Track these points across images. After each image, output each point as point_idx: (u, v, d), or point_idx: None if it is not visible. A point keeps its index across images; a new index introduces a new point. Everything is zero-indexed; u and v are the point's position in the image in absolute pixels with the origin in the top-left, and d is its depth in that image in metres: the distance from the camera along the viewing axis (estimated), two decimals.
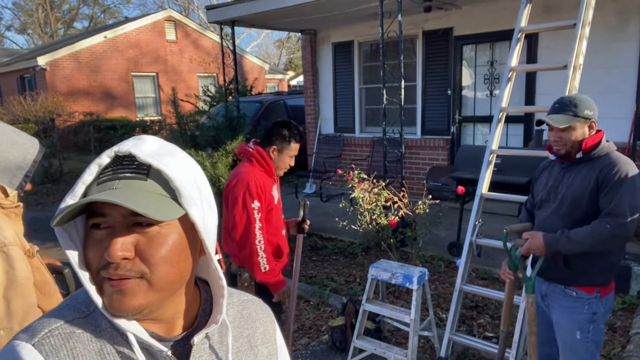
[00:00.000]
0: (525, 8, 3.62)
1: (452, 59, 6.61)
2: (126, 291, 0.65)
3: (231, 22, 6.86)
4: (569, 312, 2.11)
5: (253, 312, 0.87)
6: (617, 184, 1.95)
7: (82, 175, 0.66)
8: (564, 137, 2.06)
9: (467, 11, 6.31)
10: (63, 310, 0.70)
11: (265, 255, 2.35)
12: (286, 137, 2.42)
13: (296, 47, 37.99)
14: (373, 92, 7.44)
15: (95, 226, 0.66)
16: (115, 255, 0.63)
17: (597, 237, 1.95)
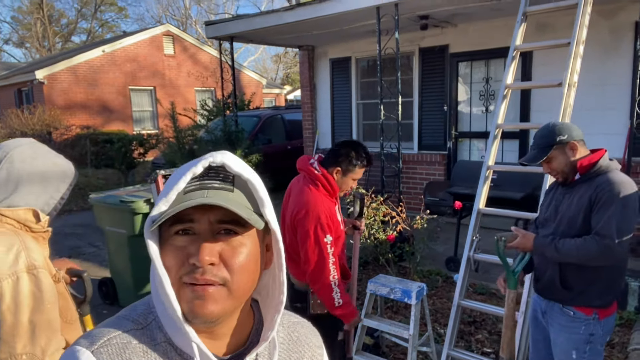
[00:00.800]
0: (520, 27, 3.69)
1: (448, 75, 6.69)
2: (208, 297, 0.67)
3: (230, 38, 6.93)
4: (566, 331, 2.10)
5: (302, 336, 0.87)
6: (608, 204, 1.93)
7: (177, 182, 0.68)
8: (551, 167, 2.10)
9: (463, 29, 6.41)
10: (122, 320, 0.72)
11: (340, 290, 2.28)
12: (352, 160, 2.32)
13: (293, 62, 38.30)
14: (370, 108, 7.50)
15: (178, 232, 0.68)
16: (204, 259, 0.66)
17: (583, 252, 1.95)
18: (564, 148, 2.06)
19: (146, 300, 0.76)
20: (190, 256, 0.67)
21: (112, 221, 4.17)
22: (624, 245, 1.91)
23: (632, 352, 3.23)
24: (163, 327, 0.72)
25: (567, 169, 2.07)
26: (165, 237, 0.70)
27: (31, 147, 1.34)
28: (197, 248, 0.67)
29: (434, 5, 5.27)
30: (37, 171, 1.32)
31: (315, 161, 2.37)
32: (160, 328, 0.72)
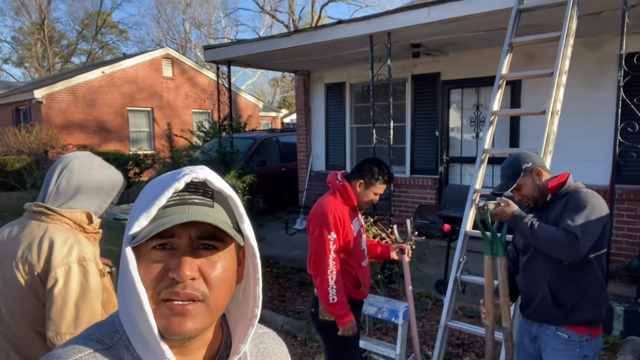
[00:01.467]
0: (506, 57, 3.84)
1: (440, 102, 6.86)
2: (187, 314, 0.66)
3: (227, 62, 7.09)
4: (561, 355, 2.14)
5: (269, 347, 0.88)
6: (576, 209, 2.04)
7: (159, 198, 0.67)
8: (522, 194, 2.22)
9: (454, 58, 6.61)
10: (87, 341, 0.70)
11: (336, 286, 2.38)
12: (375, 174, 2.50)
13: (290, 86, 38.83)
14: (364, 132, 7.64)
15: (156, 247, 0.68)
16: (185, 274, 0.65)
17: (552, 237, 2.02)
18: (530, 175, 2.19)
19: (111, 320, 0.74)
20: (170, 270, 0.66)
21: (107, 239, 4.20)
22: (585, 245, 1.98)
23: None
24: (131, 345, 0.70)
25: (537, 194, 2.19)
26: (141, 252, 0.68)
27: (88, 159, 1.52)
28: (177, 263, 0.66)
29: (425, 34, 5.46)
30: (92, 180, 1.50)
31: (340, 175, 2.56)
32: (127, 347, 0.70)
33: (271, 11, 30.22)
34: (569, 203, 2.09)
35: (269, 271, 5.76)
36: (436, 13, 4.79)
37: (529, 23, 4.54)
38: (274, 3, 30.24)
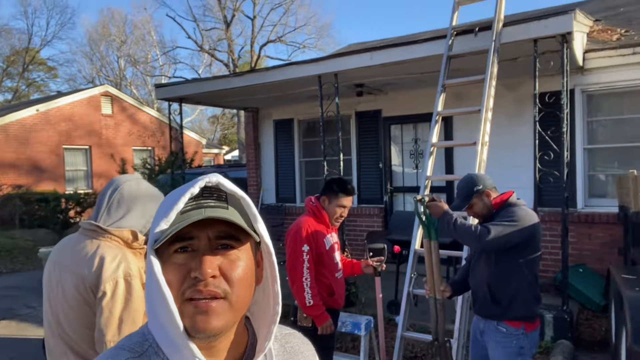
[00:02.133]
0: (440, 96, 4.39)
1: (382, 136, 7.41)
2: (211, 312, 0.69)
3: (179, 100, 7.28)
4: (501, 346, 2.51)
5: (296, 346, 0.90)
6: (502, 217, 2.49)
7: (177, 203, 0.72)
8: (474, 211, 2.66)
9: (393, 96, 7.23)
10: (119, 351, 0.74)
11: (311, 291, 2.67)
12: (334, 188, 2.85)
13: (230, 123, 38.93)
14: (312, 165, 8.02)
15: (177, 250, 0.72)
16: (206, 272, 0.69)
17: (466, 232, 2.49)
18: (481, 196, 2.62)
19: (140, 330, 0.78)
20: (192, 270, 0.69)
21: None
22: (493, 242, 2.43)
23: None
24: (160, 351, 0.73)
25: (485, 212, 2.63)
26: (164, 257, 0.72)
27: (136, 182, 1.72)
28: (198, 262, 0.69)
29: (368, 75, 6.00)
30: (139, 202, 1.68)
31: (313, 198, 2.93)
32: (157, 353, 0.73)
33: (210, 50, 30.53)
34: (501, 214, 2.52)
35: None
36: (377, 57, 5.33)
37: (458, 67, 5.17)
38: (212, 42, 30.53)
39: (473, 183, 2.64)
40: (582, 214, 5.80)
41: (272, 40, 29.78)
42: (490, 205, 2.62)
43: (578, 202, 5.89)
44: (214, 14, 29.61)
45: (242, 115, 24.79)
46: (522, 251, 2.48)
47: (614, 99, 5.85)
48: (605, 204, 5.76)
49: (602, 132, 5.99)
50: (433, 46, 4.97)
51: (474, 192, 2.61)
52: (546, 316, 4.38)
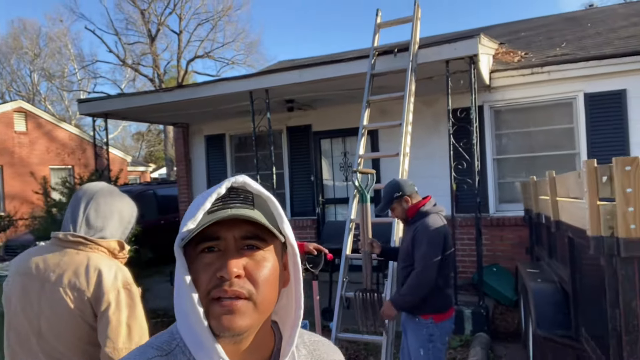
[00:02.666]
0: (366, 111, 4.71)
1: (313, 150, 7.67)
2: (236, 311, 0.70)
3: (104, 115, 7.07)
4: (414, 333, 2.85)
5: (324, 353, 0.89)
6: (419, 244, 2.78)
7: (204, 203, 0.73)
8: (395, 214, 3.00)
9: (322, 112, 7.53)
10: (147, 349, 0.76)
11: None
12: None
13: (157, 140, 37.66)
14: None
15: (204, 250, 0.73)
16: (232, 271, 0.70)
17: (416, 289, 2.76)
18: (400, 201, 2.91)
19: (169, 329, 0.79)
20: (218, 270, 0.70)
21: None
22: (430, 274, 2.75)
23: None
24: (187, 350, 0.74)
25: (404, 216, 2.95)
26: (191, 257, 0.73)
27: (109, 190, 1.72)
28: (224, 262, 0.70)
29: (298, 92, 6.24)
30: (115, 209, 1.69)
31: None
32: (184, 352, 0.74)
33: (133, 64, 29.53)
34: (415, 236, 2.84)
35: (160, 322, 5.71)
36: (307, 74, 5.59)
37: (382, 84, 5.55)
38: (136, 57, 29.54)
39: (394, 189, 2.93)
40: (494, 218, 6.38)
41: (199, 56, 29.43)
42: (407, 212, 2.93)
43: (490, 207, 6.47)
44: (138, 27, 28.76)
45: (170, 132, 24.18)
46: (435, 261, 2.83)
47: (518, 114, 6.54)
48: (514, 208, 6.37)
49: (509, 144, 6.65)
50: (358, 65, 5.31)
51: (394, 198, 2.90)
52: (465, 312, 4.78)
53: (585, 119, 6.03)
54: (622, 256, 2.08)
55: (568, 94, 6.13)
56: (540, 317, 3.30)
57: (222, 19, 28.87)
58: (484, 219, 6.32)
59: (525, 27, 9.45)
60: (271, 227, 0.73)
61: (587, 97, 6.02)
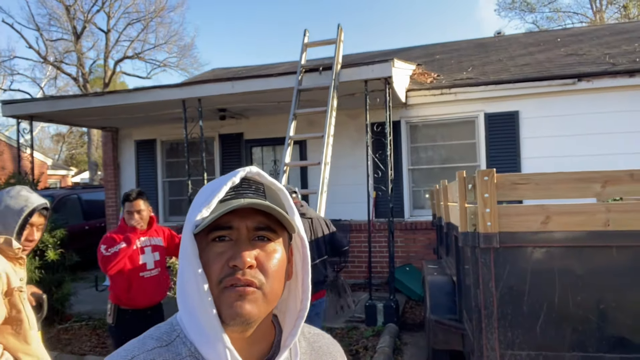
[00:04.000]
0: (292, 123, 5.16)
1: (244, 157, 7.99)
2: (248, 298, 0.70)
3: (30, 117, 6.94)
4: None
5: (324, 346, 0.90)
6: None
7: (218, 192, 0.73)
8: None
9: (254, 121, 7.88)
10: (146, 340, 0.75)
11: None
12: (122, 200, 3.35)
13: (79, 142, 35.78)
14: (175, 185, 8.22)
15: (216, 239, 0.72)
16: (245, 261, 0.70)
17: None
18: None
19: (169, 321, 0.79)
20: (231, 259, 0.70)
21: None
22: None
23: (379, 349, 4.58)
24: (188, 341, 0.73)
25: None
26: (202, 245, 0.73)
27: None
28: (237, 252, 0.70)
29: (230, 102, 6.56)
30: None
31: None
32: (185, 343, 0.73)
33: (56, 62, 28.01)
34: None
35: (85, 324, 5.75)
36: (239, 86, 5.93)
37: (309, 98, 6.03)
38: (58, 54, 28.04)
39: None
40: (408, 223, 7.06)
41: (129, 56, 28.52)
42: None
43: (405, 212, 7.15)
44: (62, 24, 27.36)
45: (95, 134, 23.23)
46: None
47: (430, 129, 7.30)
48: (425, 213, 7.10)
49: (422, 156, 7.39)
50: (286, 80, 5.75)
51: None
52: (378, 306, 5.33)
53: (485, 135, 6.89)
54: (481, 247, 2.66)
55: (471, 113, 6.98)
56: (433, 304, 3.89)
57: (154, 20, 28.26)
58: (399, 223, 6.98)
59: (441, 50, 10.42)
60: (288, 217, 0.74)
61: (487, 116, 6.89)
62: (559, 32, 11.19)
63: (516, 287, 2.67)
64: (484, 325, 2.70)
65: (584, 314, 2.59)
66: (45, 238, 5.54)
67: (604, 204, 2.56)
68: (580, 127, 6.47)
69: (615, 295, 2.56)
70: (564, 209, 2.61)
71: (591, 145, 6.39)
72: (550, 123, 6.61)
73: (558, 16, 25.90)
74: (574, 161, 6.42)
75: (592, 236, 2.58)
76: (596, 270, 2.59)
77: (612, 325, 2.56)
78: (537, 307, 2.65)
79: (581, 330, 2.61)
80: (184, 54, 30.22)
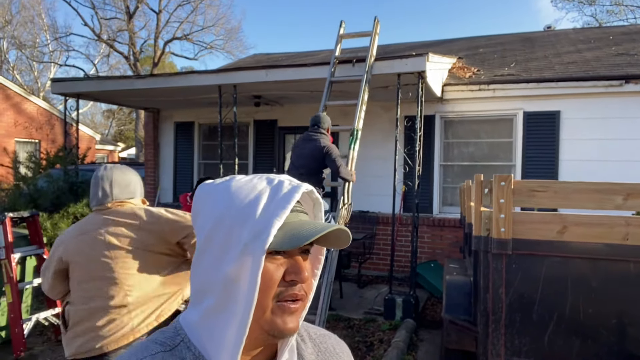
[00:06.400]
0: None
1: (277, 144, 8.12)
2: (296, 313, 0.72)
3: (77, 95, 7.31)
4: None
5: (330, 347, 0.89)
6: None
7: (285, 207, 0.71)
8: None
9: (288, 109, 7.97)
10: (150, 344, 0.75)
11: None
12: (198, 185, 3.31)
13: (128, 119, 37.15)
14: (210, 167, 8.47)
15: (273, 252, 0.70)
16: (305, 276, 0.71)
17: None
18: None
19: (172, 325, 0.78)
20: (289, 274, 0.71)
21: None
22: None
23: (393, 343, 4.62)
24: (192, 345, 0.73)
25: None
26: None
27: (119, 168, 2.20)
28: (295, 266, 0.71)
29: (264, 89, 6.67)
30: (131, 180, 2.19)
31: (188, 195, 3.33)
32: (189, 348, 0.73)
33: (109, 40, 29.10)
34: None
35: None
36: (272, 75, 6.02)
37: (341, 89, 6.05)
38: (112, 32, 29.08)
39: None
40: (436, 219, 6.99)
41: (178, 37, 29.26)
42: None
43: (434, 208, 7.08)
44: (116, 3, 28.33)
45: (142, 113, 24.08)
46: None
47: (465, 125, 7.16)
48: (454, 211, 7.01)
49: (455, 152, 7.27)
50: (319, 70, 5.78)
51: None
52: (397, 300, 5.35)
53: (522, 134, 6.69)
54: (494, 252, 2.65)
55: (510, 110, 6.78)
56: (448, 303, 3.88)
57: (204, 2, 28.78)
58: (427, 218, 6.94)
59: (485, 43, 10.12)
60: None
61: (526, 115, 6.68)
62: (613, 29, 10.61)
63: (527, 294, 2.64)
64: (490, 330, 2.70)
65: (595, 327, 2.54)
66: (85, 211, 5.87)
67: (624, 217, 2.48)
68: (624, 132, 6.17)
69: (629, 311, 2.49)
70: (582, 220, 2.55)
71: (635, 150, 6.10)
72: (592, 125, 6.34)
73: (620, 10, 24.42)
74: (615, 166, 6.16)
75: (609, 249, 2.51)
76: (611, 284, 2.53)
77: (623, 340, 2.50)
78: (547, 316, 2.62)
79: (591, 343, 2.56)
80: (231, 37, 30.70)
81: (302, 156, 4.60)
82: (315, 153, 4.51)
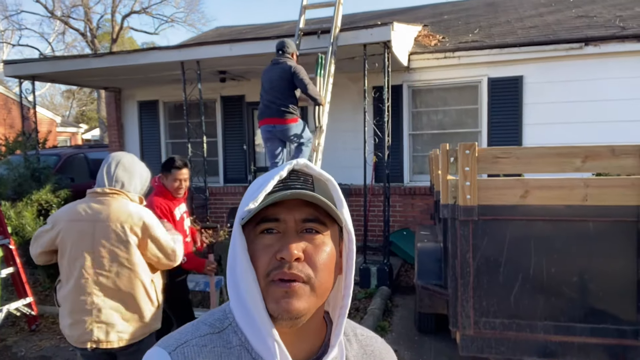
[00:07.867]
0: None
1: (246, 120, 8.00)
2: (293, 294, 0.69)
3: (32, 77, 6.97)
4: None
5: (376, 350, 0.88)
6: None
7: (265, 185, 0.72)
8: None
9: (255, 83, 7.79)
10: (200, 325, 0.76)
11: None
12: (167, 167, 3.22)
13: (90, 99, 35.79)
14: (178, 146, 8.30)
15: (264, 231, 0.72)
16: (292, 253, 0.69)
17: None
18: None
19: (223, 307, 0.79)
20: (278, 252, 0.69)
21: None
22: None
23: (369, 311, 4.74)
24: (239, 331, 0.74)
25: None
26: (250, 237, 0.73)
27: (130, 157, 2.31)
28: (284, 244, 0.70)
29: (229, 64, 6.51)
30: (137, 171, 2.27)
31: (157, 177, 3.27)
32: (236, 332, 0.74)
33: (63, 17, 27.67)
34: None
35: None
36: (237, 49, 5.88)
37: (307, 62, 5.94)
38: (66, 9, 27.65)
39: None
40: (407, 188, 7.10)
41: (136, 11, 28.06)
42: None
43: (405, 177, 7.18)
44: None
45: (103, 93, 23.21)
46: None
47: (433, 94, 7.20)
48: (424, 179, 7.12)
49: (424, 121, 7.33)
50: None
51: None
52: (372, 269, 5.47)
53: (487, 100, 6.80)
54: (460, 219, 2.72)
55: (475, 77, 6.85)
56: (420, 269, 3.99)
57: None
58: (398, 188, 7.04)
59: (450, 9, 10.11)
60: (333, 207, 0.72)
61: (490, 81, 6.77)
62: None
63: (493, 258, 2.74)
64: (459, 294, 2.79)
65: (558, 285, 2.67)
66: (49, 198, 5.70)
67: (583, 178, 2.58)
68: (585, 94, 6.34)
69: (589, 269, 2.62)
70: (543, 183, 2.63)
71: (597, 112, 6.29)
72: (555, 89, 6.49)
73: None
74: (577, 128, 6.34)
75: (570, 210, 2.62)
76: (572, 243, 2.64)
77: (584, 296, 2.64)
78: (513, 277, 2.73)
79: (554, 300, 2.69)
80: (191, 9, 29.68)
81: (272, 80, 4.67)
82: (284, 75, 4.57)
